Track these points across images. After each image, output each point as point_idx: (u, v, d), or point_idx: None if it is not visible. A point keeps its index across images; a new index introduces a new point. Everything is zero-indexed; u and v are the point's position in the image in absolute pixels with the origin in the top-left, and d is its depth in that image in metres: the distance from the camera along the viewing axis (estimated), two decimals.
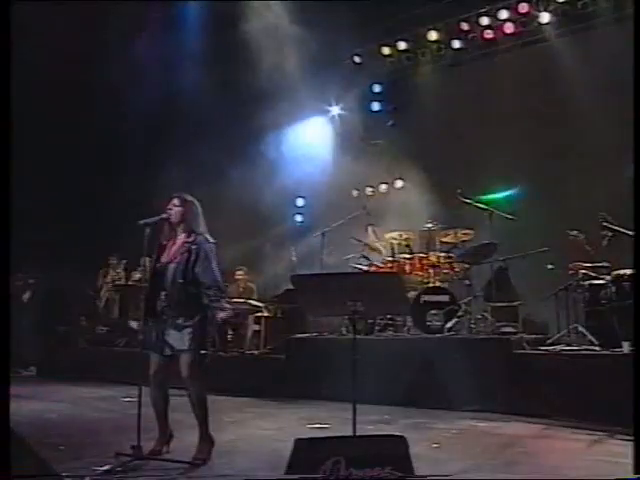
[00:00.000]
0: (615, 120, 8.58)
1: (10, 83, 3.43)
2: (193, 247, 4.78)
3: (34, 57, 9.31)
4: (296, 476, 3.60)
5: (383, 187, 12.21)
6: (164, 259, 4.83)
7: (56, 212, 11.82)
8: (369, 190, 12.27)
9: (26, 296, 11.69)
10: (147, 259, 7.68)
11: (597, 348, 6.65)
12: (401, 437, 3.91)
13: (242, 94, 11.22)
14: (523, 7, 10.49)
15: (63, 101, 11.21)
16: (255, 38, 10.34)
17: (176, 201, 4.88)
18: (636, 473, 3.37)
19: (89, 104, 11.37)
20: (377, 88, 12.66)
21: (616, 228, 6.86)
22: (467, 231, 8.53)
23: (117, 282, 11.73)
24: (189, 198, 4.95)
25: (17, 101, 3.56)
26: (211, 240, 4.90)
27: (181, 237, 4.87)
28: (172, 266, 4.77)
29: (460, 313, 7.95)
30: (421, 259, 8.63)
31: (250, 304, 9.81)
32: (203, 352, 4.74)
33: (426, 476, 3.99)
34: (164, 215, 4.86)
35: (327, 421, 6.12)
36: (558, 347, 6.94)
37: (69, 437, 5.66)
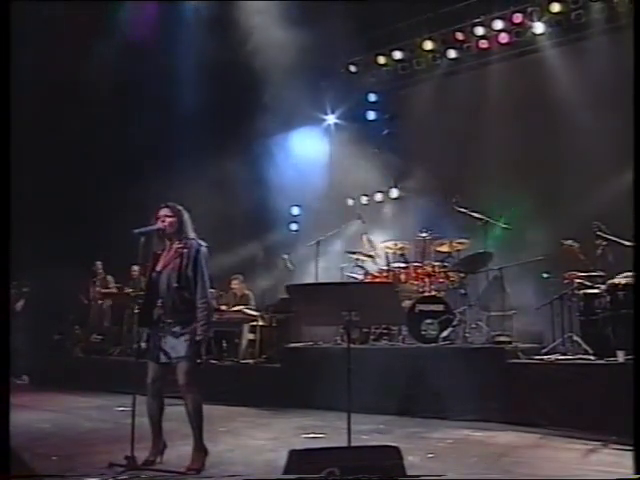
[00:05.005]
0: (610, 129, 8.63)
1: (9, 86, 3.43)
2: (184, 251, 4.80)
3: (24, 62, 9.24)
4: (294, 476, 3.60)
5: (378, 196, 12.24)
6: (159, 267, 4.84)
7: (50, 220, 11.77)
8: (364, 199, 12.30)
9: (19, 304, 11.62)
10: (138, 267, 7.64)
11: (592, 357, 6.63)
12: (395, 447, 3.91)
13: (237, 102, 11.23)
14: (517, 17, 10.57)
15: (56, 108, 11.20)
16: (250, 47, 10.35)
17: (167, 211, 4.88)
18: (636, 474, 3.37)
19: (82, 111, 11.35)
20: (373, 97, 12.70)
21: (610, 237, 6.88)
22: (462, 240, 8.55)
23: (110, 290, 11.69)
24: (178, 206, 4.96)
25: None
26: (203, 243, 4.90)
27: (174, 244, 4.88)
28: (166, 272, 4.79)
29: (455, 322, 7.95)
30: (416, 268, 8.64)
31: (245, 313, 9.78)
32: (199, 361, 4.73)
33: (419, 476, 4.01)
34: (160, 225, 4.85)
35: (322, 431, 6.12)
36: (553, 356, 6.93)
37: (62, 447, 5.63)
